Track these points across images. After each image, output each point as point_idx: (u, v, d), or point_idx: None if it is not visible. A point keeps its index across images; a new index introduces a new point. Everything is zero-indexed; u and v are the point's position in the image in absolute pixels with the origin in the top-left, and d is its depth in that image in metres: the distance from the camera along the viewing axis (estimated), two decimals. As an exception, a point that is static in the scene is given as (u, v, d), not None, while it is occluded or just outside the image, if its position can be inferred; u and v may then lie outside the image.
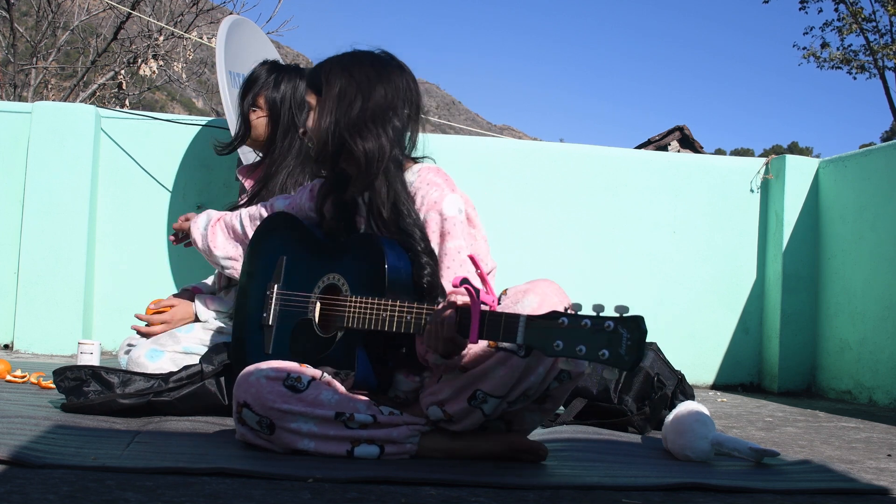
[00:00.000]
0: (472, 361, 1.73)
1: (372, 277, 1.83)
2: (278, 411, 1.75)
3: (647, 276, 4.48)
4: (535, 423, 1.89)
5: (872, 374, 3.93)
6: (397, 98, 1.96)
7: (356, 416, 1.77)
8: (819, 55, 19.85)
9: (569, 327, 1.48)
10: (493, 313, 1.58)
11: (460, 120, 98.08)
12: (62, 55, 10.60)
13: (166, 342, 2.60)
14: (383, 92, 1.94)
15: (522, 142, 4.77)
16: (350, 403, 1.80)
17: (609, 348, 1.42)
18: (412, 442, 1.80)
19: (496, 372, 1.70)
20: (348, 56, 2.01)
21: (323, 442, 1.76)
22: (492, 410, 1.74)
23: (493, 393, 1.71)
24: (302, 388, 1.78)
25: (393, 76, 1.98)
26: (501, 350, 1.67)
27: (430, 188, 1.94)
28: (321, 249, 2.00)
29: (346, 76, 1.95)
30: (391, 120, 1.94)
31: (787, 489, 1.70)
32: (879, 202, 4.00)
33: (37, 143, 4.12)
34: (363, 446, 1.77)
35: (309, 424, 1.76)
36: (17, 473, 1.44)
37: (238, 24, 3.75)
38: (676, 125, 15.76)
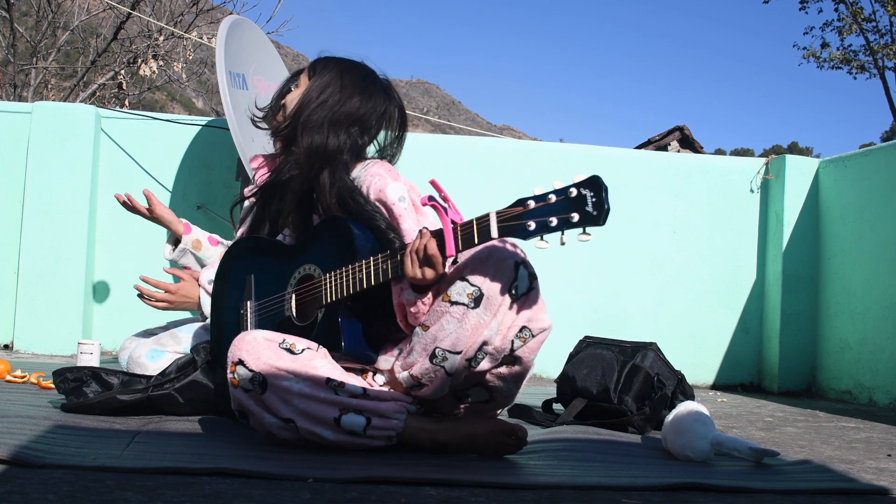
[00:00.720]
0: (429, 317, 1.77)
1: (342, 251, 1.87)
2: (272, 367, 1.78)
3: (647, 276, 4.48)
4: (512, 392, 1.88)
5: (872, 374, 3.93)
6: (370, 116, 2.06)
7: (346, 385, 1.79)
8: (819, 55, 19.85)
9: (537, 206, 1.54)
10: (464, 223, 1.66)
11: (460, 120, 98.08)
12: (62, 55, 10.60)
13: (167, 342, 2.60)
14: (358, 104, 2.04)
15: (522, 142, 4.77)
16: (343, 374, 1.83)
17: (577, 210, 1.49)
18: (398, 418, 1.80)
19: (450, 326, 1.74)
20: (350, 62, 2.12)
21: (312, 403, 1.77)
22: (453, 368, 1.76)
23: (452, 349, 1.74)
24: (297, 353, 1.82)
25: (375, 96, 2.08)
26: (452, 304, 1.73)
27: (374, 178, 2.00)
28: (288, 251, 2.04)
29: (336, 75, 2.06)
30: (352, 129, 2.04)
31: (787, 489, 1.70)
32: (879, 202, 4.00)
33: (37, 143, 4.12)
34: (351, 415, 1.78)
35: (300, 384, 1.77)
36: (17, 473, 1.44)
37: (238, 24, 3.75)
38: (676, 125, 15.76)
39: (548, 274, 4.40)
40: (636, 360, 2.53)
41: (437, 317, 1.76)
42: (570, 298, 4.43)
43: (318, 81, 2.05)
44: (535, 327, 1.76)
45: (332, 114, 2.02)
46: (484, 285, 1.72)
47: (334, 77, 2.05)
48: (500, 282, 1.72)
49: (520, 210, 1.57)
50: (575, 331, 3.80)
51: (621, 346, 2.63)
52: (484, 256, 1.74)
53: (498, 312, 1.73)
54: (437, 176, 2.08)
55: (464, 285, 1.73)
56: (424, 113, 78.80)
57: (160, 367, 2.51)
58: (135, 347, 2.64)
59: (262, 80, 3.85)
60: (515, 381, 1.85)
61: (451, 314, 1.74)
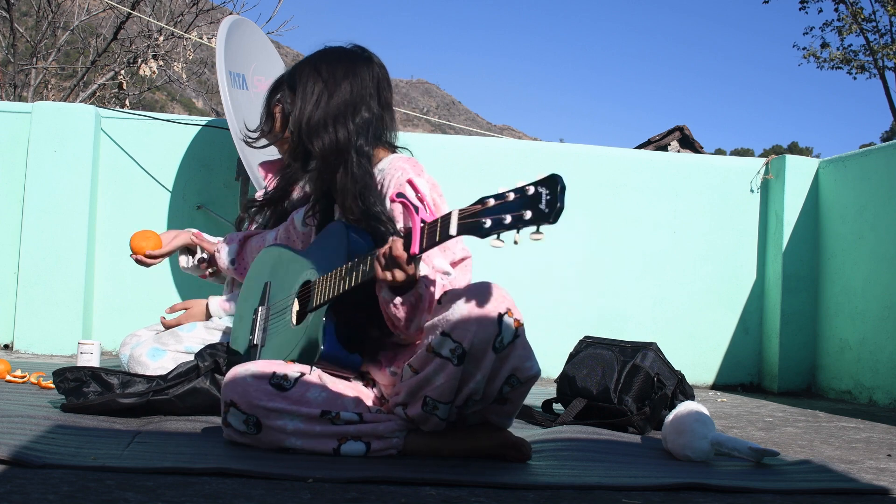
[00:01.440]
0: (417, 362, 1.74)
1: (338, 255, 1.87)
2: (264, 409, 1.77)
3: (647, 276, 4.48)
4: (504, 424, 1.86)
5: (872, 374, 3.93)
6: (364, 91, 2.02)
7: (342, 415, 1.79)
8: (819, 55, 19.84)
9: (496, 205, 1.52)
10: (430, 221, 1.64)
11: (460, 120, 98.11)
12: (62, 55, 10.59)
13: (168, 341, 2.60)
14: (349, 87, 2.00)
15: (522, 142, 4.77)
16: (338, 401, 1.82)
17: (531, 208, 1.46)
18: (398, 437, 1.80)
19: (437, 379, 1.71)
20: (317, 54, 2.08)
21: (309, 439, 1.78)
22: (446, 415, 1.75)
23: (440, 399, 1.73)
24: (288, 387, 1.80)
25: (360, 69, 2.03)
26: (437, 356, 1.69)
27: (398, 171, 1.97)
28: (299, 258, 2.06)
29: (314, 75, 2.03)
30: (357, 113, 2.00)
31: (787, 489, 1.70)
32: (879, 202, 4.00)
33: (37, 143, 4.12)
34: (350, 443, 1.78)
35: (295, 422, 1.77)
36: (17, 473, 1.44)
37: (238, 24, 3.75)
38: (676, 125, 15.76)
39: (547, 273, 4.41)
40: (636, 360, 2.53)
41: (424, 362, 1.72)
42: (570, 298, 4.43)
43: (301, 90, 2.02)
44: (522, 376, 1.73)
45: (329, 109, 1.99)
46: (465, 342, 1.67)
47: (312, 76, 2.02)
48: (483, 337, 1.67)
49: (478, 208, 1.55)
50: (575, 331, 3.80)
51: (621, 346, 2.63)
52: (466, 313, 1.68)
53: (482, 366, 1.69)
54: (436, 176, 2.08)
55: (447, 341, 1.69)
56: (424, 113, 78.71)
57: (161, 365, 2.51)
58: (136, 345, 2.63)
59: (262, 80, 3.85)
60: (506, 414, 1.83)
61: (437, 366, 1.71)
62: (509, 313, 1.70)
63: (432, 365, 1.71)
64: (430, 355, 1.71)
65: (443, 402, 1.73)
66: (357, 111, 2.00)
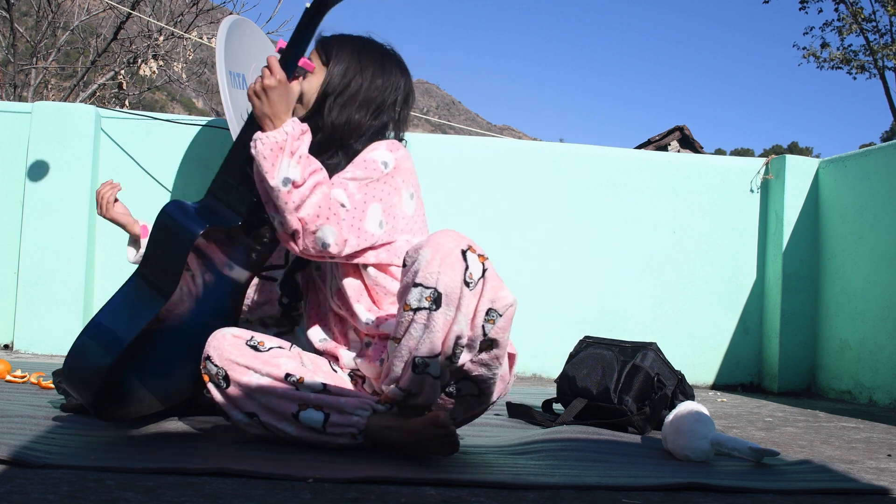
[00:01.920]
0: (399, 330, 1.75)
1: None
2: (234, 363, 1.83)
3: (647, 276, 4.48)
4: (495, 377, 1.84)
5: (872, 374, 3.93)
6: (389, 95, 2.03)
7: (306, 380, 1.83)
8: (819, 55, 19.85)
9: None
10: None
11: (460, 120, 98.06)
12: (62, 55, 10.59)
13: None
14: (381, 84, 2.02)
15: (522, 142, 4.77)
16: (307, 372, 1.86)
17: None
18: (360, 415, 1.80)
19: (421, 334, 1.72)
20: (364, 41, 2.08)
21: (272, 398, 1.81)
22: (438, 371, 1.74)
23: (430, 354, 1.73)
24: (262, 350, 1.86)
25: (394, 75, 2.05)
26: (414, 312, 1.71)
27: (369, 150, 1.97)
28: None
29: (356, 59, 2.03)
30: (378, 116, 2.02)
31: (787, 489, 1.70)
32: (879, 202, 4.00)
33: (37, 143, 4.12)
34: (310, 410, 1.80)
35: (261, 379, 1.82)
36: (17, 473, 1.44)
37: (238, 24, 3.75)
38: (676, 125, 15.77)
39: (547, 273, 4.41)
40: (636, 360, 2.53)
41: (405, 327, 1.73)
42: (570, 298, 4.43)
43: (336, 67, 2.01)
44: (500, 306, 1.73)
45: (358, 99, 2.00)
46: (439, 285, 1.69)
47: (352, 61, 2.02)
48: (452, 275, 1.70)
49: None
50: (575, 331, 3.81)
51: (621, 346, 2.63)
52: (429, 256, 1.71)
53: (461, 305, 1.70)
54: (436, 176, 2.09)
55: (419, 290, 1.70)
56: (424, 113, 78.68)
57: None
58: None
59: (262, 80, 3.85)
60: (496, 364, 1.81)
61: (417, 321, 1.72)
62: (471, 249, 1.73)
63: (413, 322, 1.72)
64: (409, 314, 1.72)
65: (432, 356, 1.72)
66: (379, 114, 2.02)
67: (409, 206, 1.98)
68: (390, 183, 1.93)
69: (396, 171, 1.95)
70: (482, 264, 1.73)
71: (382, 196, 1.92)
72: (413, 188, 1.99)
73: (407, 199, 1.97)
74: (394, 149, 1.98)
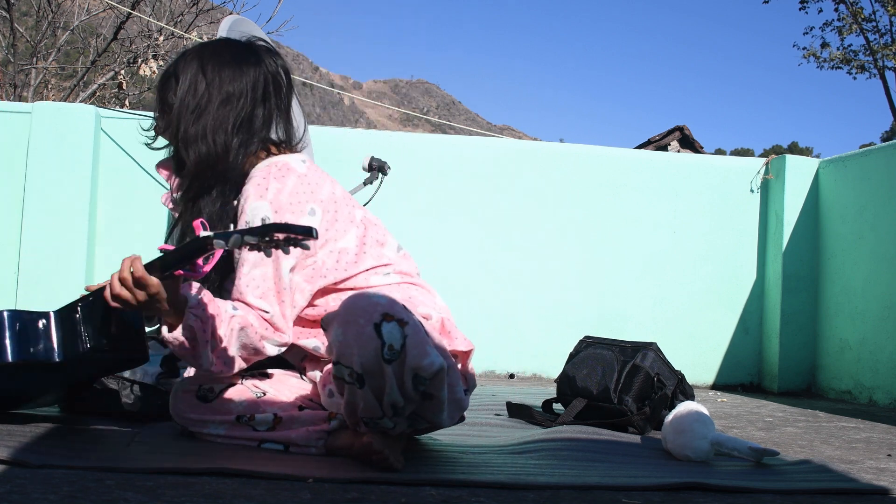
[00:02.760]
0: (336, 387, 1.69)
1: None
2: (187, 419, 1.90)
3: (647, 276, 4.48)
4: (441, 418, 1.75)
5: (872, 374, 3.93)
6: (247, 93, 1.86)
7: (256, 416, 1.87)
8: (819, 55, 19.86)
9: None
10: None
11: (460, 120, 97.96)
12: (62, 55, 10.59)
13: None
14: (231, 89, 1.86)
15: (522, 142, 4.77)
16: (258, 406, 1.87)
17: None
18: (316, 445, 1.83)
19: (356, 401, 1.66)
20: (211, 44, 1.94)
21: (234, 441, 1.88)
22: (392, 424, 1.68)
23: (373, 416, 1.67)
24: (212, 398, 1.90)
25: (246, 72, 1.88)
26: (344, 383, 1.64)
27: (249, 188, 1.83)
28: None
29: (197, 69, 1.87)
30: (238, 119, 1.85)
31: (787, 489, 1.70)
32: (879, 202, 4.00)
33: (37, 143, 4.12)
34: (269, 444, 1.86)
35: (218, 428, 1.89)
36: (17, 473, 1.44)
37: (238, 24, 3.75)
38: (676, 125, 15.77)
39: (547, 273, 4.41)
40: (636, 360, 2.53)
41: (339, 389, 1.68)
42: (570, 298, 4.43)
43: (182, 86, 1.86)
44: (426, 374, 1.61)
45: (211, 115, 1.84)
46: (356, 366, 1.60)
47: (195, 72, 1.86)
48: (369, 355, 1.59)
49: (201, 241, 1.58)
50: (575, 331, 3.80)
51: (621, 346, 2.63)
52: (341, 336, 1.61)
53: (385, 379, 1.61)
54: (436, 176, 2.08)
55: (340, 367, 1.63)
56: (424, 113, 78.71)
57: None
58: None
59: (262, 80, 3.85)
60: (438, 411, 1.72)
61: (348, 390, 1.66)
62: (387, 318, 1.60)
63: (346, 390, 1.66)
64: (340, 383, 1.66)
65: (376, 417, 1.67)
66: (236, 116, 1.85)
67: (314, 224, 1.83)
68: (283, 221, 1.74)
69: (279, 211, 1.80)
70: (402, 331, 1.60)
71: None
72: (311, 203, 1.84)
73: (308, 220, 1.83)
74: (261, 188, 1.81)
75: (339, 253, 1.88)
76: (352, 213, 1.92)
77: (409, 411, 1.68)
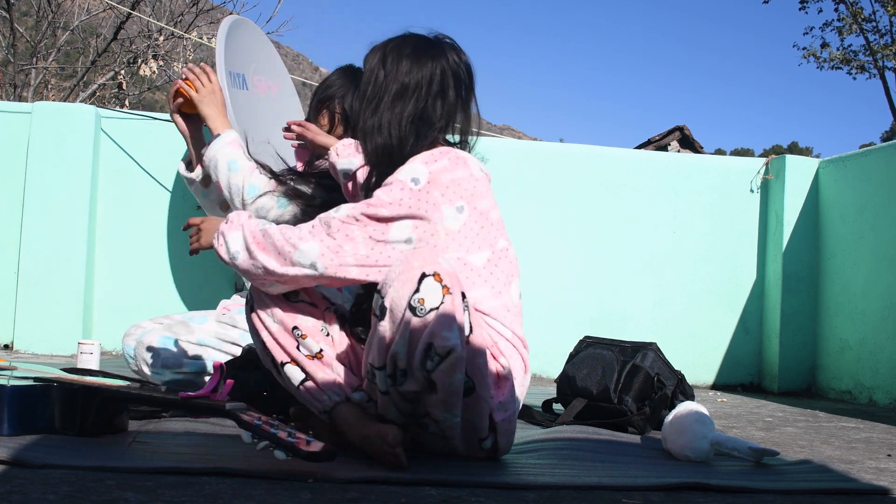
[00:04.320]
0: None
1: None
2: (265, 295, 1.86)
3: (647, 276, 4.48)
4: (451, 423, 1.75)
5: (872, 374, 3.93)
6: (423, 86, 1.89)
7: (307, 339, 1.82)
8: (819, 55, 19.87)
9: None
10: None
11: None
12: (62, 55, 10.59)
13: (180, 331, 2.57)
14: (407, 80, 1.89)
15: (522, 142, 4.77)
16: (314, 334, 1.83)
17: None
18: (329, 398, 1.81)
19: (373, 339, 1.70)
20: (396, 39, 1.97)
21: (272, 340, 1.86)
22: (385, 387, 1.70)
23: (375, 364, 1.70)
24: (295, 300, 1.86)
25: (425, 61, 1.91)
26: (374, 316, 1.69)
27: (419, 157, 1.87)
28: None
29: (379, 62, 1.93)
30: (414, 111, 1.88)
31: (787, 489, 1.70)
32: (879, 202, 4.00)
33: (37, 143, 4.12)
34: (289, 367, 1.83)
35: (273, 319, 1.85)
36: (17, 473, 1.44)
37: (238, 24, 3.75)
38: (676, 125, 15.77)
39: (548, 274, 4.41)
40: (636, 360, 2.53)
41: (372, 322, 1.72)
42: (570, 298, 4.43)
43: (364, 78, 1.93)
44: (438, 346, 1.62)
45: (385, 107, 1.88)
46: (386, 297, 1.65)
47: (376, 64, 1.92)
48: (401, 293, 1.63)
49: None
50: (575, 331, 3.80)
51: (621, 346, 2.63)
52: (398, 269, 1.66)
53: (400, 325, 1.63)
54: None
55: (377, 297, 1.69)
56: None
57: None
58: (145, 333, 2.61)
59: (262, 80, 3.85)
60: (448, 408, 1.71)
61: (373, 325, 1.70)
62: (436, 277, 1.63)
63: (371, 325, 1.71)
64: (373, 318, 1.71)
65: (377, 366, 1.69)
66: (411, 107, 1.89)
67: (453, 220, 1.83)
68: (425, 199, 1.80)
69: (433, 182, 1.81)
70: (443, 297, 1.63)
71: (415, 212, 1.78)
72: (465, 202, 1.84)
73: (452, 214, 1.83)
74: (430, 159, 1.84)
75: (462, 265, 1.83)
76: (497, 240, 1.89)
77: (408, 387, 1.68)
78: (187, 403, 1.74)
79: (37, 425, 1.80)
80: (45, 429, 1.81)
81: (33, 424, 1.79)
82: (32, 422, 1.79)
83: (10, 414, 1.76)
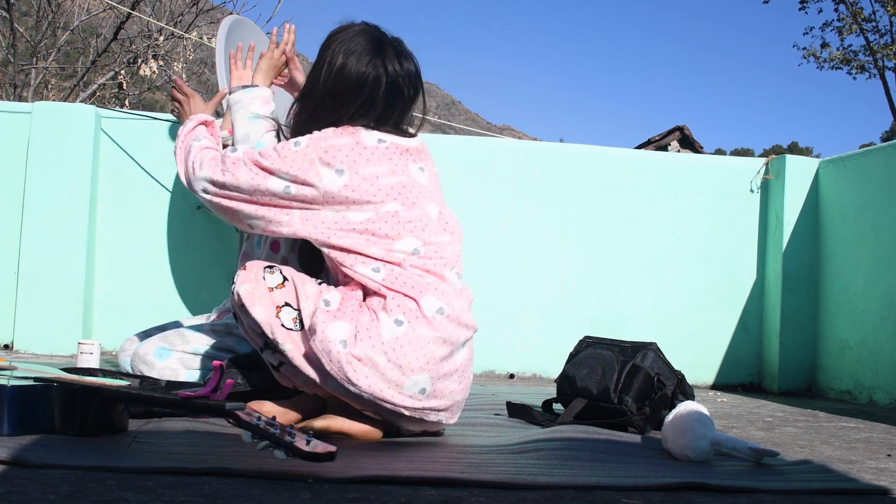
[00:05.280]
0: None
1: None
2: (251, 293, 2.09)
3: (647, 276, 4.48)
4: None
5: (872, 374, 3.93)
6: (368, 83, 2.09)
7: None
8: (819, 55, 19.88)
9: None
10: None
11: (460, 120, 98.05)
12: (62, 55, 10.59)
13: (175, 341, 2.57)
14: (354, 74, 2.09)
15: (522, 142, 4.77)
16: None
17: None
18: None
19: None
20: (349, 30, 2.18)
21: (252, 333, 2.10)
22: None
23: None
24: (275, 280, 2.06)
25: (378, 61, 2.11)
26: None
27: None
28: None
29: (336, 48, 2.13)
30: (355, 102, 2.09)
31: (787, 489, 1.70)
32: (879, 202, 4.00)
33: (37, 143, 4.12)
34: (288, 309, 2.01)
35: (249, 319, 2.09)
36: (17, 473, 1.44)
37: (238, 24, 3.75)
38: (676, 125, 15.77)
39: (547, 274, 4.41)
40: (636, 360, 2.53)
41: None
42: (570, 298, 4.43)
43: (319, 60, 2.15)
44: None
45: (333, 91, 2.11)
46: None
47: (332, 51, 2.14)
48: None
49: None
50: (575, 331, 3.80)
51: (621, 346, 2.63)
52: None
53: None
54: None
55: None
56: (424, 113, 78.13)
57: (167, 365, 2.51)
58: (141, 345, 2.61)
59: (262, 80, 3.84)
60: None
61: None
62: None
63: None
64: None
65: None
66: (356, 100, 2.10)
67: (331, 181, 2.01)
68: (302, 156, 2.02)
69: (311, 146, 2.02)
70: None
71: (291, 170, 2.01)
72: (347, 166, 2.02)
73: (331, 175, 2.01)
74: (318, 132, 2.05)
75: (342, 219, 2.02)
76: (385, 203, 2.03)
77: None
78: (187, 403, 1.74)
79: (37, 425, 1.80)
80: (45, 429, 1.81)
81: (33, 424, 1.79)
82: (32, 422, 1.79)
83: (10, 414, 1.76)
